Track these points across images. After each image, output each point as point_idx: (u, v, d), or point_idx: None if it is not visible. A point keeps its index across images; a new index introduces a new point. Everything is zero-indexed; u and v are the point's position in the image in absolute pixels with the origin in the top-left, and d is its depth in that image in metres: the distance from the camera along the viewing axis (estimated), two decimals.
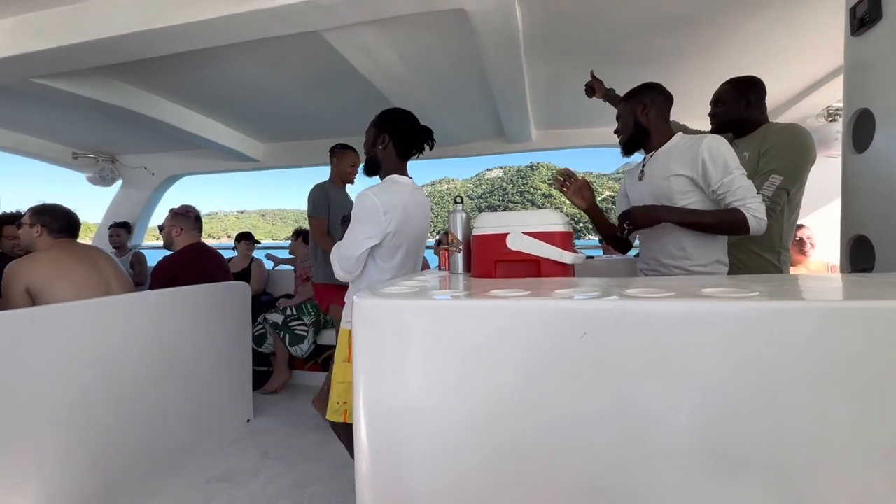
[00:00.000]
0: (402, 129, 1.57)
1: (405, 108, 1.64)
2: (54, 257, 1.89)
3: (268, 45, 2.06)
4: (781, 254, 1.67)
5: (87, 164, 4.40)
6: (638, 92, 1.52)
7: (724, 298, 0.67)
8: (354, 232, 1.45)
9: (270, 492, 1.86)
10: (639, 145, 1.54)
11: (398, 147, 1.57)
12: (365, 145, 1.62)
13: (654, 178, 1.45)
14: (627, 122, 1.53)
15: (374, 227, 1.43)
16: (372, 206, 1.42)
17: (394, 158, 1.58)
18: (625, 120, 1.54)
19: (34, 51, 1.94)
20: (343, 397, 1.44)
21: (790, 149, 1.57)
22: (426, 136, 1.61)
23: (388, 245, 1.48)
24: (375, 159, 1.60)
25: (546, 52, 2.29)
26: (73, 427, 1.65)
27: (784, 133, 1.60)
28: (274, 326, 3.12)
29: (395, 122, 1.58)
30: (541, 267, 1.11)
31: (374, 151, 1.59)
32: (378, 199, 1.42)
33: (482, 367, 0.78)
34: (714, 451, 0.68)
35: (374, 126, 1.59)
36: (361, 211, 1.44)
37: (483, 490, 0.79)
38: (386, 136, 1.56)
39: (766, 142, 1.61)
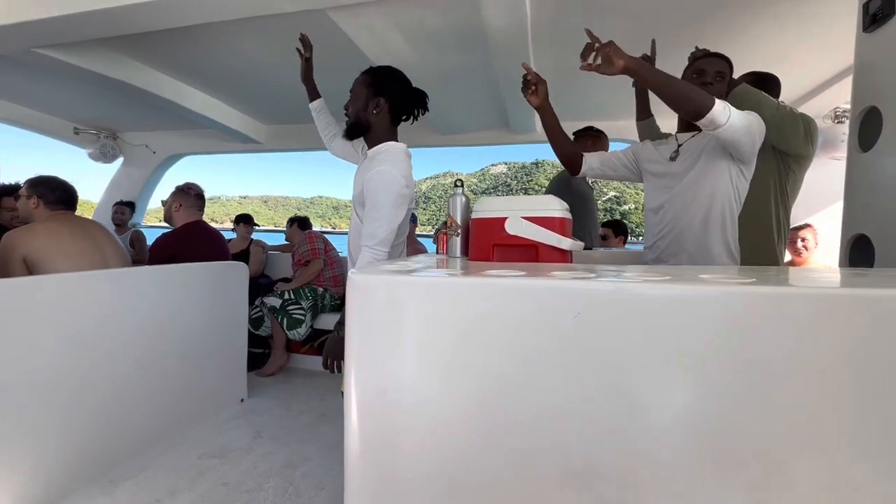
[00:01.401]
0: (398, 90, 1.44)
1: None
2: (52, 229, 1.89)
3: (273, 23, 2.03)
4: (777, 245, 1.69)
5: (89, 140, 4.38)
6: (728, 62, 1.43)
7: (720, 283, 0.67)
8: (390, 214, 1.34)
9: (261, 469, 1.87)
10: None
11: (393, 112, 1.45)
12: (350, 106, 1.47)
13: (692, 158, 1.40)
14: (723, 90, 1.42)
15: (405, 205, 1.38)
16: (396, 180, 1.33)
17: (387, 124, 1.46)
18: (723, 87, 1.43)
19: (35, 19, 1.92)
20: None
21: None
22: (421, 101, 1.49)
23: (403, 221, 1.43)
24: (365, 123, 1.45)
25: (555, 42, 2.26)
26: (67, 398, 1.66)
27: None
28: (272, 310, 3.12)
29: (392, 85, 1.44)
30: (539, 252, 1.10)
31: (366, 115, 1.44)
32: (400, 173, 1.34)
33: (475, 346, 0.78)
34: (706, 436, 0.68)
35: (367, 86, 1.43)
36: (392, 189, 1.33)
37: (473, 469, 0.79)
38: (381, 101, 1.42)
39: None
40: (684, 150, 1.45)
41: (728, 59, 1.45)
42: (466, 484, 0.80)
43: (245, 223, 3.94)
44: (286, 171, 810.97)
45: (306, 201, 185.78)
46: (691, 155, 1.42)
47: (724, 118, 1.17)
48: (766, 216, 1.75)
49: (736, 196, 1.39)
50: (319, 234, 3.54)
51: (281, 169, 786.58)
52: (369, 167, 1.38)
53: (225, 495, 1.69)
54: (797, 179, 1.78)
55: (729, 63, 1.44)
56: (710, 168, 1.37)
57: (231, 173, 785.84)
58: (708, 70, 1.42)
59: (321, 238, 3.48)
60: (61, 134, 4.24)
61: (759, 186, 1.64)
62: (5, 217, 2.44)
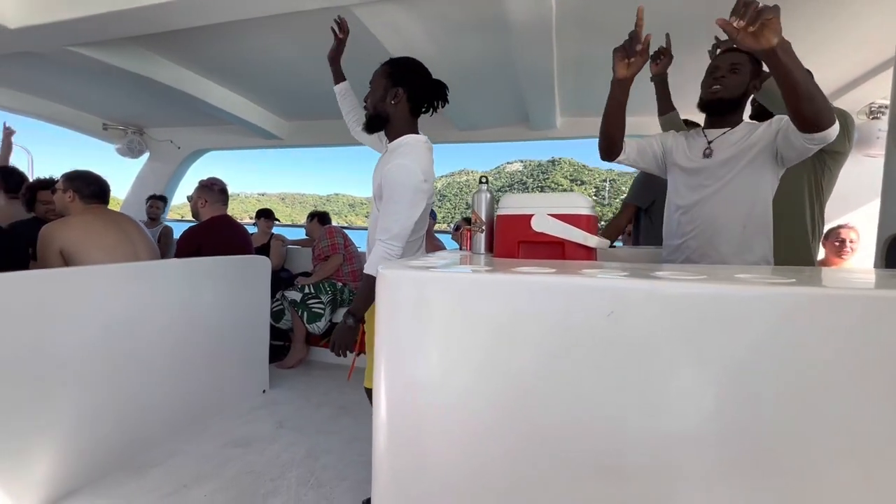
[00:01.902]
0: (418, 83, 1.41)
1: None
2: (86, 221, 1.95)
3: (297, 20, 2.06)
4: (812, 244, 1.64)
5: (117, 136, 4.50)
6: (760, 62, 1.34)
7: (759, 284, 0.65)
8: (406, 208, 1.33)
9: (284, 459, 1.91)
10: (722, 112, 1.40)
11: (412, 102, 1.41)
12: (369, 98, 1.46)
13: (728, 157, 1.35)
14: (743, 81, 1.35)
15: (423, 199, 1.36)
16: (414, 174, 1.31)
17: (406, 115, 1.43)
18: (742, 77, 1.35)
19: (69, 18, 1.98)
20: None
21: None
22: (441, 92, 1.45)
23: (422, 215, 1.41)
24: (384, 115, 1.43)
25: (579, 33, 2.22)
26: (100, 385, 1.72)
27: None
28: (292, 304, 3.18)
29: (411, 75, 1.41)
30: (565, 250, 1.10)
31: (384, 107, 1.42)
32: (418, 168, 1.32)
33: (504, 342, 0.78)
34: (741, 437, 0.67)
35: (386, 77, 1.41)
36: (407, 183, 1.31)
37: (502, 463, 0.80)
38: (399, 91, 1.39)
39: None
40: (717, 146, 1.39)
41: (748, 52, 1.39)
42: (496, 477, 0.80)
43: (266, 218, 4.01)
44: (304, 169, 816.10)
45: (323, 198, 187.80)
46: (728, 153, 1.36)
47: (834, 135, 1.12)
48: (801, 214, 1.70)
49: (772, 196, 1.36)
50: (339, 229, 3.57)
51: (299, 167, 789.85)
52: (388, 160, 1.36)
53: (250, 483, 1.73)
54: (833, 176, 1.72)
55: (751, 57, 1.36)
56: (755, 170, 1.33)
57: (250, 171, 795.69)
58: (721, 65, 1.38)
59: (341, 233, 3.52)
60: (91, 130, 4.37)
61: (793, 183, 1.60)
62: (41, 210, 2.52)
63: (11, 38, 2.19)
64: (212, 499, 1.63)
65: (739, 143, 1.35)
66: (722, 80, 1.36)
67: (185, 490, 1.67)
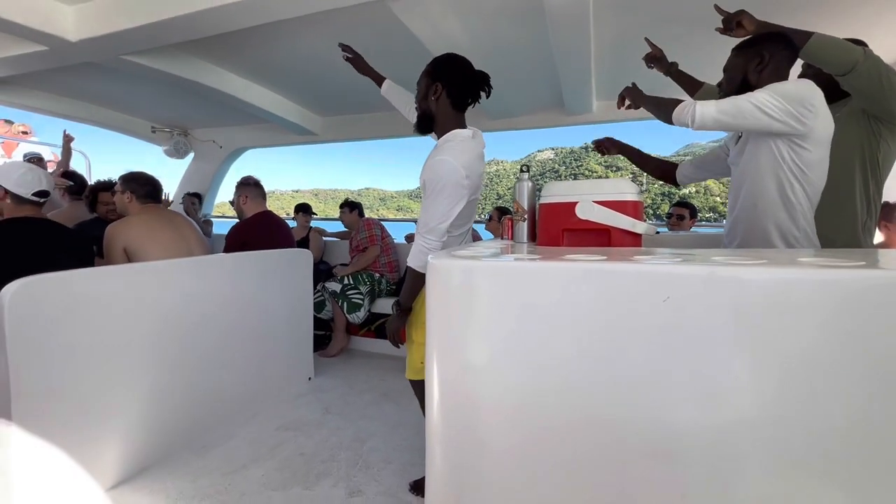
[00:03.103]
0: (456, 75, 1.41)
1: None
2: (145, 220, 2.09)
3: (333, 17, 2.10)
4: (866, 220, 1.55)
5: (164, 138, 4.74)
6: (756, 42, 1.34)
7: (823, 267, 0.64)
8: (441, 203, 1.34)
9: (333, 442, 2.00)
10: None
11: (453, 97, 1.41)
12: (416, 99, 1.49)
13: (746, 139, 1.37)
14: (734, 77, 1.37)
15: (460, 194, 1.35)
16: (454, 171, 1.32)
17: (449, 110, 1.43)
18: (732, 74, 1.38)
19: (125, 28, 2.10)
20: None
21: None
22: (483, 82, 1.44)
23: (464, 210, 1.42)
24: (429, 113, 1.46)
25: (616, 16, 2.16)
26: (162, 371, 1.85)
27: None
28: (332, 294, 3.28)
29: (449, 69, 1.42)
30: (611, 237, 1.09)
31: (427, 104, 1.45)
32: (459, 163, 1.32)
33: (554, 330, 0.79)
34: (799, 431, 0.65)
35: (426, 75, 1.44)
36: (445, 178, 1.32)
37: (552, 450, 0.81)
38: (438, 86, 1.40)
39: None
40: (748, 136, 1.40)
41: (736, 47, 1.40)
42: (548, 463, 0.82)
43: (304, 213, 4.13)
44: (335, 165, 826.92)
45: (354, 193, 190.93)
46: (745, 136, 1.38)
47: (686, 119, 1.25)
48: (849, 191, 1.58)
49: (796, 171, 1.28)
50: (377, 221, 3.64)
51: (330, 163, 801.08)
52: (432, 156, 1.39)
53: (302, 464, 1.83)
54: (890, 150, 1.58)
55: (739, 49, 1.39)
56: (755, 146, 1.32)
57: (284, 169, 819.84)
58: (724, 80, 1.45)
59: (378, 225, 3.59)
60: (140, 133, 4.63)
61: (841, 158, 1.49)
62: (102, 210, 2.71)
63: (72, 50, 2.35)
64: (269, 478, 1.73)
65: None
66: (721, 86, 1.48)
67: (244, 470, 1.79)
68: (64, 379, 1.51)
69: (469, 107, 1.46)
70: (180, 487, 1.67)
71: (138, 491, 1.65)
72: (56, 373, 1.48)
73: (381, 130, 4.14)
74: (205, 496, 1.62)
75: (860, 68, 1.34)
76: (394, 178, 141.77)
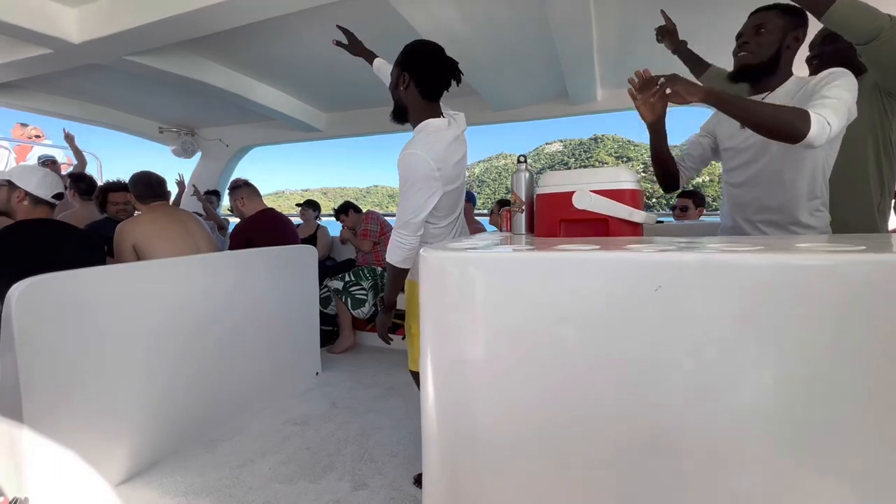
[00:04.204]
0: (423, 65, 1.37)
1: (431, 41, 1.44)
2: (153, 219, 2.12)
3: (331, 11, 2.08)
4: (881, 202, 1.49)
5: (171, 138, 4.79)
6: (800, 13, 1.24)
7: (822, 252, 0.61)
8: (412, 197, 1.33)
9: (339, 436, 2.02)
10: (755, 78, 1.31)
11: (422, 86, 1.37)
12: (390, 88, 1.47)
13: None
14: (771, 41, 1.24)
15: (432, 187, 1.33)
16: (424, 164, 1.30)
17: (419, 100, 1.39)
18: (769, 38, 1.24)
19: (129, 28, 2.11)
20: None
21: None
22: (452, 70, 1.39)
23: (443, 201, 1.40)
24: (400, 103, 1.44)
25: (619, 3, 2.12)
26: (171, 367, 1.88)
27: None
28: (335, 292, 3.30)
29: (415, 59, 1.38)
30: (609, 226, 1.07)
31: (398, 94, 1.42)
32: (428, 156, 1.31)
33: (548, 320, 0.78)
34: (801, 419, 0.64)
35: (396, 65, 1.41)
36: (414, 172, 1.31)
37: (548, 441, 0.81)
38: (406, 76, 1.37)
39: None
40: None
41: (780, 6, 1.26)
42: (544, 453, 0.81)
43: (311, 208, 4.13)
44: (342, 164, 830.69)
45: (363, 191, 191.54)
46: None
47: (825, 137, 1.04)
48: (863, 173, 1.53)
49: (825, 159, 1.25)
50: (376, 216, 3.64)
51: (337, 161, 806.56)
52: (404, 149, 1.36)
53: (309, 458, 1.85)
54: None
55: (781, 10, 1.25)
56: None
57: (292, 169, 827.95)
58: (745, 30, 1.29)
59: (376, 220, 3.59)
60: (148, 133, 4.68)
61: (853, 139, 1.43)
62: (112, 210, 2.75)
63: (76, 52, 2.37)
64: (276, 472, 1.75)
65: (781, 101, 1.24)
66: (745, 46, 1.28)
67: (251, 463, 1.81)
68: (73, 376, 1.54)
69: (441, 94, 1.42)
70: (189, 481, 1.70)
71: (148, 485, 1.68)
72: (65, 370, 1.51)
73: (385, 125, 4.12)
74: (213, 490, 1.65)
75: (884, 36, 1.23)
76: None
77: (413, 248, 1.39)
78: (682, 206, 3.09)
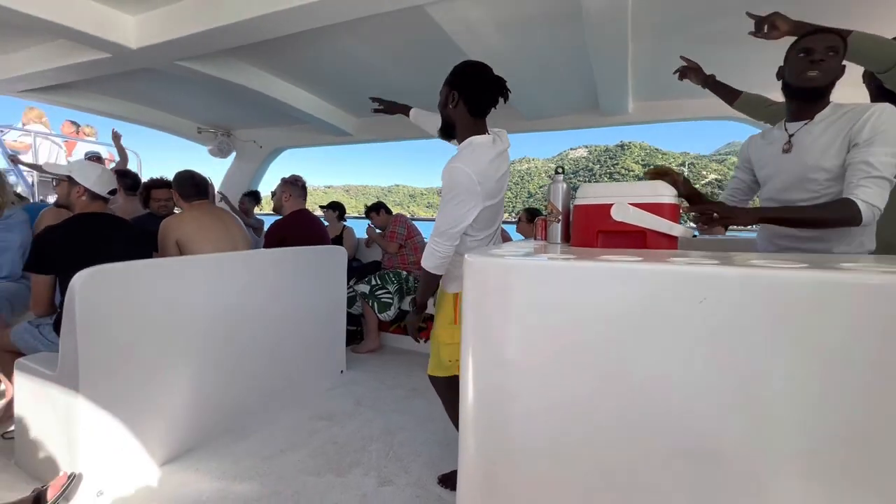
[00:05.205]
0: (471, 83, 1.45)
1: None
2: (195, 216, 2.22)
3: (371, 21, 2.16)
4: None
5: (209, 138, 4.98)
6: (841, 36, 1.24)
7: (866, 271, 0.63)
8: (452, 208, 1.38)
9: (364, 434, 2.07)
10: (811, 99, 1.28)
11: (469, 104, 1.45)
12: (439, 106, 1.54)
13: (810, 151, 1.26)
14: (838, 66, 1.24)
15: (472, 200, 1.38)
16: (466, 178, 1.36)
17: (467, 117, 1.47)
18: (837, 62, 1.23)
19: (181, 36, 2.24)
20: (454, 355, 1.51)
21: None
22: (499, 88, 1.46)
23: (483, 215, 1.45)
24: (449, 120, 1.51)
25: (655, 24, 2.14)
26: (207, 359, 1.97)
27: None
28: (362, 296, 3.37)
29: (465, 78, 1.46)
30: (647, 239, 1.10)
31: (447, 112, 1.50)
32: (471, 171, 1.36)
33: (591, 327, 0.81)
34: (841, 435, 0.65)
35: (445, 84, 1.49)
36: (457, 185, 1.37)
37: (585, 445, 0.84)
38: (455, 94, 1.45)
39: None
40: (797, 141, 1.30)
41: (840, 33, 1.25)
42: (580, 457, 0.84)
43: (335, 210, 4.23)
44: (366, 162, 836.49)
45: (384, 190, 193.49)
46: (811, 149, 1.27)
47: (875, 218, 1.15)
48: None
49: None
50: (405, 220, 3.71)
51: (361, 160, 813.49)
52: (449, 162, 1.42)
53: (335, 452, 1.90)
54: None
55: (843, 37, 1.24)
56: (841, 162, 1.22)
57: (316, 166, 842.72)
58: (816, 48, 1.24)
59: (404, 224, 3.66)
60: (187, 133, 4.88)
61: None
62: (154, 206, 2.89)
63: (133, 57, 2.52)
64: (304, 464, 1.82)
65: (824, 132, 1.25)
66: (821, 65, 1.22)
67: (281, 455, 1.88)
68: (124, 360, 1.63)
69: (488, 112, 1.49)
70: (224, 468, 1.77)
71: (187, 469, 1.76)
72: (117, 354, 1.61)
73: (413, 131, 4.19)
74: (246, 478, 1.72)
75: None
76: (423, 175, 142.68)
77: (447, 257, 1.45)
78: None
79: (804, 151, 1.28)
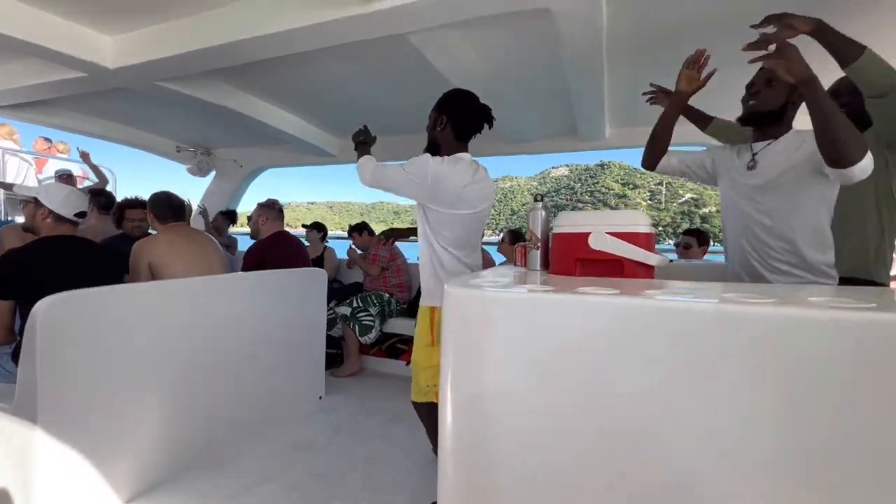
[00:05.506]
0: (459, 110, 1.60)
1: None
2: (169, 239, 2.17)
3: (354, 47, 2.19)
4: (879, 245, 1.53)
5: (188, 157, 4.91)
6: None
7: (836, 308, 0.65)
8: (397, 171, 1.55)
9: (343, 464, 2.01)
10: (763, 123, 1.40)
11: (456, 128, 1.60)
12: (427, 128, 1.67)
13: (773, 169, 1.33)
14: (779, 94, 1.34)
15: (415, 184, 1.51)
16: (425, 165, 1.49)
17: (451, 139, 1.61)
18: (778, 91, 1.33)
19: (161, 57, 2.23)
20: (432, 380, 1.52)
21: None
22: (484, 116, 1.61)
23: (447, 217, 1.55)
24: (436, 142, 1.64)
25: (630, 54, 2.23)
26: (179, 387, 1.89)
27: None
28: (343, 318, 3.32)
29: (454, 104, 1.61)
30: (624, 267, 1.11)
31: (434, 134, 1.64)
32: (436, 168, 1.49)
33: (569, 360, 0.81)
34: (818, 469, 0.66)
35: (435, 108, 1.64)
36: (415, 165, 1.51)
37: (564, 477, 0.83)
38: (444, 118, 1.60)
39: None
40: (761, 158, 1.38)
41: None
42: (558, 492, 0.83)
43: (317, 230, 4.19)
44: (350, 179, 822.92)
45: (368, 206, 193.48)
46: (772, 168, 1.34)
47: (865, 172, 1.12)
48: (861, 220, 1.60)
49: (828, 208, 1.32)
50: (390, 244, 3.69)
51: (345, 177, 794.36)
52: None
53: (313, 484, 1.83)
54: None
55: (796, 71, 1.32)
56: (803, 183, 1.29)
57: (300, 182, 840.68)
58: (756, 81, 1.40)
59: (388, 248, 3.64)
60: (166, 152, 4.81)
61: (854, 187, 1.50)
62: (128, 227, 2.81)
63: (109, 77, 2.48)
64: (279, 498, 1.74)
65: (785, 154, 1.33)
66: (757, 95, 1.39)
67: (255, 487, 1.80)
68: (87, 392, 1.55)
69: (472, 137, 1.63)
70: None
71: None
72: (80, 386, 1.53)
73: (396, 152, 4.24)
74: None
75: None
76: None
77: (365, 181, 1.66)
78: (685, 244, 3.13)
79: (767, 169, 1.36)
